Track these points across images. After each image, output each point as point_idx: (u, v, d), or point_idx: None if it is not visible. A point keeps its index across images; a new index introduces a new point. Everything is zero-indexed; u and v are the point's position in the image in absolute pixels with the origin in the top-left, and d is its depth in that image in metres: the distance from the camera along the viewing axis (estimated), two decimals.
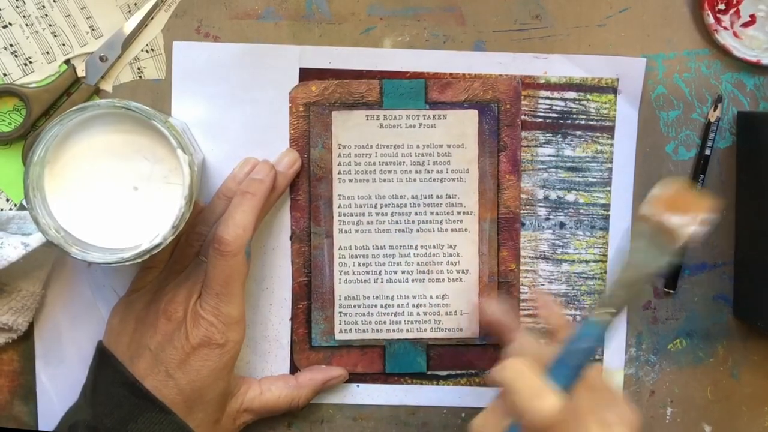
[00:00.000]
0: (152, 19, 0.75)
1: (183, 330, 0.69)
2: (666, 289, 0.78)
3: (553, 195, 0.77)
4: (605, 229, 0.77)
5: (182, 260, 0.73)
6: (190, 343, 0.69)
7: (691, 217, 0.60)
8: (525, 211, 0.77)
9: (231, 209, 0.70)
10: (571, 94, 0.76)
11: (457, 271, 0.77)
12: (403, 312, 0.77)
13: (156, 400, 0.68)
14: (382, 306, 0.77)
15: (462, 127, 0.76)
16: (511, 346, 0.68)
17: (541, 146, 0.77)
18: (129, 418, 0.68)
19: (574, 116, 0.76)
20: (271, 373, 0.77)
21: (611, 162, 0.77)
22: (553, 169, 0.77)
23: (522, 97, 0.76)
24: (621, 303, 0.62)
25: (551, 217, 0.77)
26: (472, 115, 0.76)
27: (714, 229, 0.77)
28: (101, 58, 0.74)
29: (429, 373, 0.78)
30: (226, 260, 0.68)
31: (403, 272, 0.77)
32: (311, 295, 0.77)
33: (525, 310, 0.78)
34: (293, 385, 0.75)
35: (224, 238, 0.68)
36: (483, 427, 0.63)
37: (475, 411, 0.75)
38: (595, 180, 0.77)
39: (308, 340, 0.77)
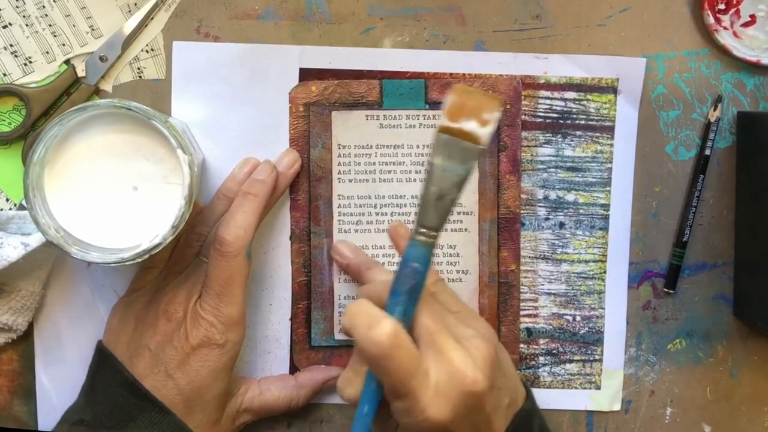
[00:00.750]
0: (152, 19, 0.75)
1: (183, 330, 0.69)
2: (666, 289, 0.78)
3: (552, 195, 0.77)
4: (605, 229, 0.77)
5: (182, 260, 0.73)
6: (190, 343, 0.69)
7: (479, 119, 0.59)
8: (525, 211, 0.77)
9: (232, 210, 0.70)
10: (571, 94, 0.76)
11: (457, 272, 0.77)
12: None
13: (155, 400, 0.68)
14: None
15: None
16: (361, 288, 0.69)
17: (540, 146, 0.77)
18: (128, 418, 0.68)
19: (574, 116, 0.76)
20: (270, 373, 0.77)
21: (611, 162, 0.77)
22: (553, 169, 0.77)
23: (522, 97, 0.76)
24: (434, 220, 0.60)
25: (551, 217, 0.77)
26: None
27: (714, 229, 0.77)
28: (101, 58, 0.74)
29: None
30: (227, 261, 0.68)
31: None
32: (311, 295, 0.77)
33: (525, 309, 0.78)
34: (293, 385, 0.75)
35: (225, 239, 0.68)
36: (347, 382, 0.64)
37: None
38: (594, 180, 0.77)
39: (308, 339, 0.77)
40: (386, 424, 0.65)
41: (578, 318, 0.78)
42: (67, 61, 0.75)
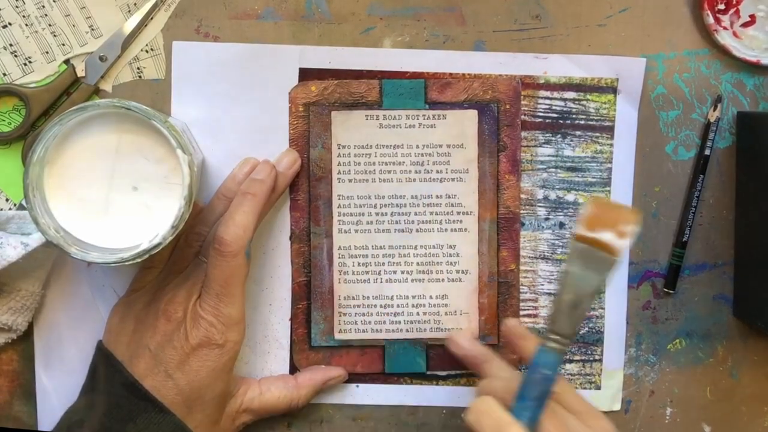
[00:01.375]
0: (152, 19, 0.75)
1: (182, 330, 0.69)
2: (666, 289, 0.78)
3: (552, 195, 0.77)
4: None
5: (181, 260, 0.73)
6: (190, 343, 0.69)
7: (617, 230, 0.60)
8: (524, 211, 0.77)
9: (231, 210, 0.70)
10: (571, 94, 0.76)
11: (457, 271, 0.77)
12: (403, 312, 0.77)
13: (155, 401, 0.68)
14: (381, 306, 0.77)
15: (462, 127, 0.76)
16: (482, 382, 0.69)
17: (540, 146, 0.77)
18: (128, 418, 0.68)
19: (574, 116, 0.76)
20: (270, 373, 0.77)
21: (611, 162, 0.77)
22: (553, 169, 0.77)
23: (522, 97, 0.76)
24: (568, 328, 0.62)
25: (551, 217, 0.77)
26: (472, 115, 0.76)
27: (714, 229, 0.77)
28: (101, 58, 0.74)
29: (428, 373, 0.78)
30: (227, 261, 0.68)
31: (402, 272, 0.77)
32: (311, 295, 0.77)
33: (525, 310, 0.78)
34: (293, 385, 0.75)
35: (224, 239, 0.68)
36: None
37: None
38: (594, 180, 0.77)
39: (308, 340, 0.77)
40: None
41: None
42: (66, 61, 0.75)
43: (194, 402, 0.69)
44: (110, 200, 0.67)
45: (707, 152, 0.76)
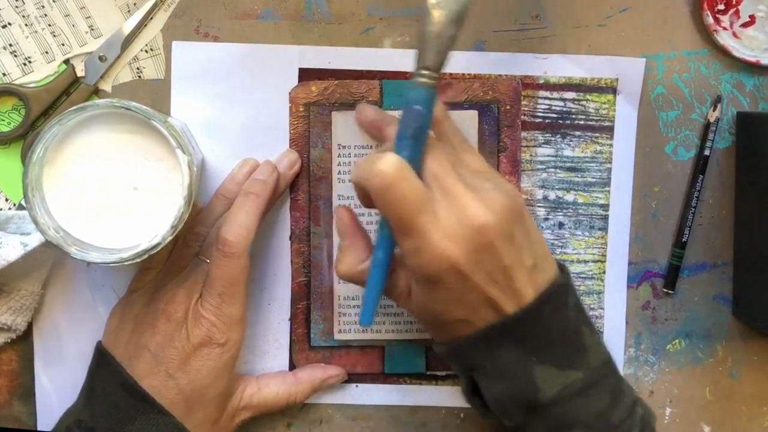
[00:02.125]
0: (151, 19, 0.75)
1: (184, 330, 0.69)
2: (665, 289, 0.78)
3: (552, 195, 0.77)
4: (604, 229, 0.77)
5: (180, 261, 0.73)
6: (191, 342, 0.69)
7: None
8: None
9: (234, 210, 0.70)
10: (571, 95, 0.76)
11: None
12: (403, 312, 0.77)
13: (154, 402, 0.68)
14: (381, 306, 0.76)
15: (462, 127, 0.75)
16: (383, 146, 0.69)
17: (540, 146, 0.77)
18: (126, 419, 0.68)
19: (574, 116, 0.76)
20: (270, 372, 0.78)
21: (610, 162, 0.77)
22: (552, 169, 0.77)
23: (521, 97, 0.76)
24: (435, 58, 0.60)
25: (550, 217, 0.77)
26: (472, 115, 0.76)
27: (714, 229, 0.77)
28: (100, 58, 0.74)
29: (428, 373, 0.78)
30: (230, 261, 0.68)
31: None
32: (310, 295, 0.77)
33: None
34: (291, 381, 0.75)
35: (228, 239, 0.68)
36: (338, 261, 0.67)
37: (474, 411, 0.75)
38: (594, 180, 0.77)
39: (307, 339, 0.77)
40: (396, 285, 0.65)
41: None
42: (66, 61, 0.74)
43: (195, 402, 0.69)
44: (110, 200, 0.67)
45: (707, 152, 0.76)
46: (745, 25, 0.75)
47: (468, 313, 0.61)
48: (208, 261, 0.71)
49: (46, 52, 0.74)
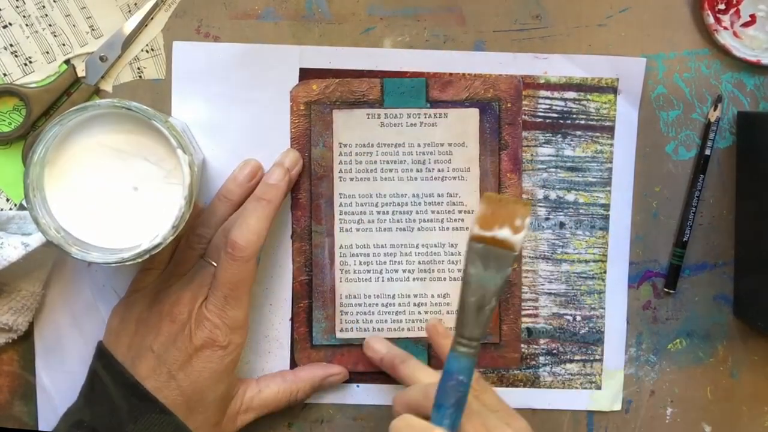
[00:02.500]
0: (152, 19, 0.75)
1: (187, 331, 0.69)
2: (666, 289, 0.78)
3: (552, 195, 0.77)
4: (605, 228, 0.77)
5: (184, 262, 0.73)
6: (194, 344, 0.69)
7: (512, 226, 0.59)
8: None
9: (246, 214, 0.70)
10: (571, 94, 0.76)
11: (459, 270, 0.77)
12: (404, 311, 0.77)
13: (156, 402, 0.68)
14: (383, 305, 0.77)
15: (463, 125, 0.76)
16: (398, 394, 0.69)
17: (540, 146, 0.77)
18: (128, 419, 0.68)
19: (574, 116, 0.76)
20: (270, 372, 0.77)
21: (611, 162, 0.77)
22: (553, 169, 0.77)
23: (522, 96, 0.76)
24: (476, 331, 0.61)
25: (551, 216, 0.77)
26: (473, 113, 0.76)
27: (714, 229, 0.77)
28: (101, 58, 0.74)
29: None
30: (238, 265, 0.68)
31: (404, 271, 0.77)
32: (312, 294, 0.77)
33: (525, 310, 0.78)
34: (291, 379, 0.75)
35: (238, 244, 0.68)
36: None
37: None
38: (594, 180, 0.77)
39: (309, 338, 0.77)
40: None
41: (578, 318, 0.78)
42: (67, 61, 0.75)
43: (196, 403, 0.69)
44: (111, 200, 0.67)
45: (707, 152, 0.76)
46: (745, 24, 0.76)
47: None
48: (215, 264, 0.71)
49: (47, 53, 0.74)
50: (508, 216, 0.59)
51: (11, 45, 0.74)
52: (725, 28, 0.75)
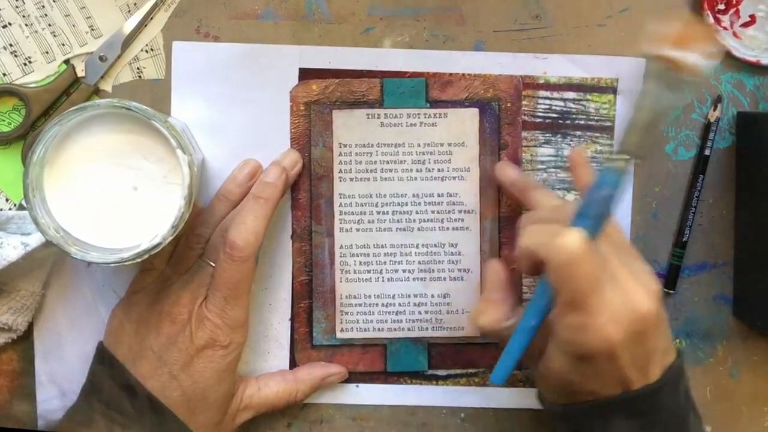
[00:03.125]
0: (152, 19, 0.75)
1: (187, 332, 0.69)
2: (666, 289, 0.78)
3: None
4: None
5: (183, 262, 0.73)
6: (195, 344, 0.69)
7: (698, 51, 0.58)
8: (525, 211, 0.77)
9: (243, 214, 0.70)
10: (571, 95, 0.76)
11: (459, 270, 0.77)
12: (405, 311, 0.77)
13: (157, 402, 0.68)
14: (383, 305, 0.77)
15: (463, 125, 0.76)
16: (527, 213, 0.70)
17: (540, 146, 0.77)
18: (129, 419, 0.68)
19: (574, 116, 0.76)
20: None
21: None
22: (553, 170, 0.77)
23: (522, 96, 0.76)
24: (636, 147, 0.60)
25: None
26: (473, 113, 0.76)
27: (714, 229, 0.77)
28: (101, 58, 0.74)
29: (429, 373, 0.78)
30: (237, 265, 0.68)
31: (404, 271, 0.77)
32: (312, 294, 0.77)
33: None
34: (291, 379, 0.75)
35: (236, 243, 0.68)
36: (479, 312, 0.68)
37: (474, 411, 0.75)
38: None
39: (310, 338, 0.77)
40: (530, 346, 0.64)
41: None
42: (66, 61, 0.74)
43: (197, 403, 0.69)
44: (110, 200, 0.67)
45: (707, 152, 0.76)
46: (745, 25, 0.76)
47: (600, 386, 0.62)
48: (213, 264, 0.71)
49: (47, 52, 0.74)
50: (689, 39, 0.59)
51: (11, 45, 0.74)
52: (725, 29, 0.75)
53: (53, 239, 0.65)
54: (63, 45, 0.74)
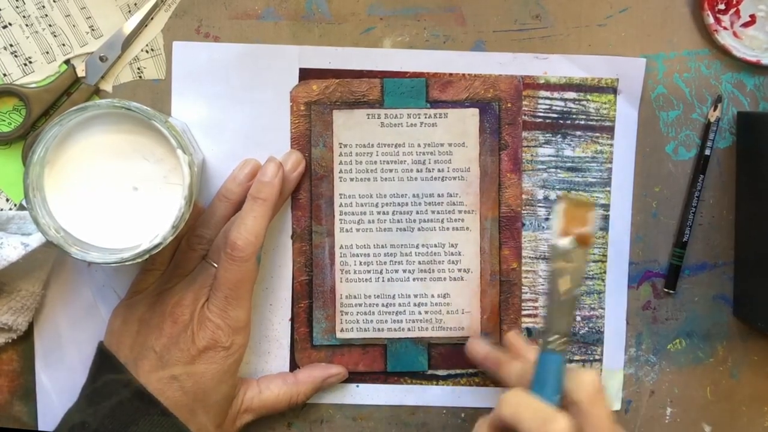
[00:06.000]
0: (152, 19, 0.75)
1: (189, 332, 0.69)
2: (666, 289, 0.78)
3: (553, 195, 0.77)
4: (605, 229, 0.77)
5: (185, 263, 0.73)
6: (196, 345, 0.69)
7: (585, 228, 0.63)
8: (525, 212, 0.77)
9: (243, 214, 0.70)
10: (571, 95, 0.76)
11: (459, 270, 0.77)
12: (405, 311, 0.77)
13: (158, 403, 0.68)
14: (383, 305, 0.77)
15: (463, 125, 0.76)
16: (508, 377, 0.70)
17: (540, 146, 0.77)
18: (130, 420, 0.68)
19: (574, 116, 0.76)
20: (270, 373, 0.77)
21: (611, 162, 0.77)
22: (553, 170, 0.77)
23: (522, 96, 0.76)
24: (566, 325, 0.64)
25: (551, 217, 0.77)
26: (473, 113, 0.76)
27: (714, 229, 0.77)
28: (101, 58, 0.74)
29: (429, 373, 0.78)
30: (238, 265, 0.69)
31: (404, 271, 0.77)
32: (313, 294, 0.77)
33: (526, 310, 0.78)
34: (291, 381, 0.75)
35: (237, 244, 0.68)
36: None
37: (474, 411, 0.75)
38: (594, 180, 0.77)
39: (310, 339, 0.77)
40: None
41: (578, 318, 0.78)
42: (67, 61, 0.74)
43: (198, 404, 0.69)
44: (110, 200, 0.67)
45: (707, 152, 0.76)
46: (745, 24, 0.76)
47: None
48: (216, 265, 0.71)
49: (47, 53, 0.74)
50: (580, 217, 0.64)
51: (11, 45, 0.74)
52: (725, 28, 0.75)
53: (54, 239, 0.65)
54: (63, 45, 0.74)
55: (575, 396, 0.62)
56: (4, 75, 0.74)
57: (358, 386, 0.78)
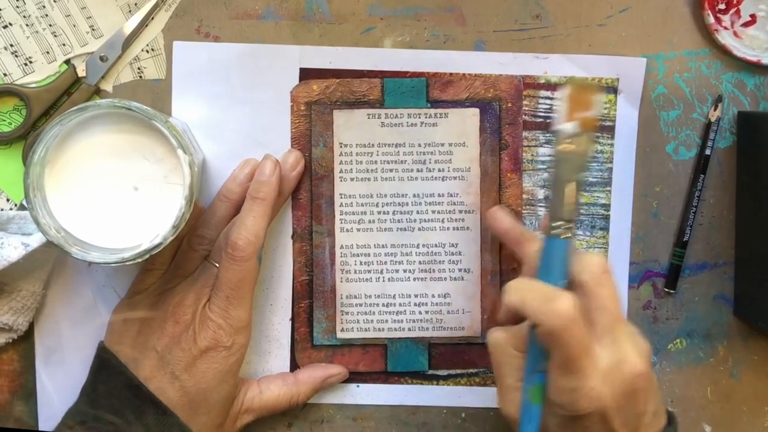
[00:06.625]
0: (152, 19, 0.75)
1: (191, 332, 0.69)
2: (666, 289, 0.78)
3: None
4: (605, 229, 0.77)
5: (186, 264, 0.73)
6: (198, 345, 0.69)
7: (589, 111, 0.63)
8: (526, 212, 0.77)
9: (243, 215, 0.70)
10: None
11: (459, 270, 0.77)
12: (405, 311, 0.77)
13: (158, 402, 0.68)
14: (383, 305, 0.77)
15: (463, 125, 0.76)
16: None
17: (541, 146, 0.77)
18: (130, 420, 0.68)
19: None
20: (271, 373, 0.77)
21: (611, 162, 0.77)
22: (554, 169, 0.77)
23: (522, 96, 0.76)
24: (570, 214, 0.63)
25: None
26: (474, 113, 0.76)
27: (714, 229, 0.77)
28: (101, 58, 0.74)
29: (429, 373, 0.78)
30: (239, 265, 0.69)
31: (404, 271, 0.77)
32: (313, 294, 0.77)
33: None
34: (292, 382, 0.75)
35: (237, 244, 0.68)
36: (505, 400, 0.64)
37: (475, 411, 0.75)
38: (595, 180, 0.77)
39: (310, 338, 0.77)
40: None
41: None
42: (67, 61, 0.74)
43: (199, 404, 0.69)
44: (111, 200, 0.67)
45: (708, 152, 0.76)
46: (746, 24, 0.76)
47: None
48: (217, 265, 0.71)
49: (47, 53, 0.74)
50: (583, 102, 0.63)
51: (11, 45, 0.74)
52: (725, 28, 0.75)
53: (54, 239, 0.65)
54: (64, 45, 0.74)
55: (581, 277, 0.62)
56: (5, 75, 0.74)
57: (358, 386, 0.78)
